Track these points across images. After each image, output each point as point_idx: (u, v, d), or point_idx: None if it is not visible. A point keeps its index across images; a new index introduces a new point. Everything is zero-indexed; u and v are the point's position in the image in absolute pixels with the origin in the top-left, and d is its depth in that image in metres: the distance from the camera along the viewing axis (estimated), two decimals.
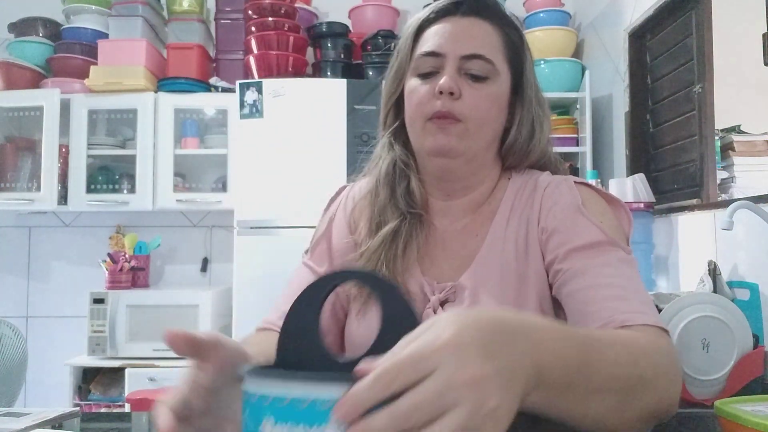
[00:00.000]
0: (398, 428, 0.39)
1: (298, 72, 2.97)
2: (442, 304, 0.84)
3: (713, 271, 1.70)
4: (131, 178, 2.97)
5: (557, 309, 0.82)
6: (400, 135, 0.91)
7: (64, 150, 2.94)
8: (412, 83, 0.86)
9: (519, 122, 0.87)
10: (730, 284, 1.70)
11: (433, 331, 0.43)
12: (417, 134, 0.85)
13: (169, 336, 0.50)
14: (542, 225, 0.83)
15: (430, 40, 0.85)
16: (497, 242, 0.85)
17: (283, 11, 2.99)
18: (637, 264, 0.79)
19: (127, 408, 0.92)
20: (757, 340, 1.45)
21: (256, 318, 0.95)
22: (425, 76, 0.84)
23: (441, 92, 0.81)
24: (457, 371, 0.40)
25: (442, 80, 0.81)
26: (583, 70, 2.88)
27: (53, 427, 0.68)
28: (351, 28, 3.14)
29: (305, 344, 0.51)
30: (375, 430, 0.39)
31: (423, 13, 0.88)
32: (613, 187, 2.26)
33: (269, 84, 2.72)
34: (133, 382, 2.59)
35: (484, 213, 0.89)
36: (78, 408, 0.76)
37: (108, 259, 2.92)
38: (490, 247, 0.85)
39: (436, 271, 0.87)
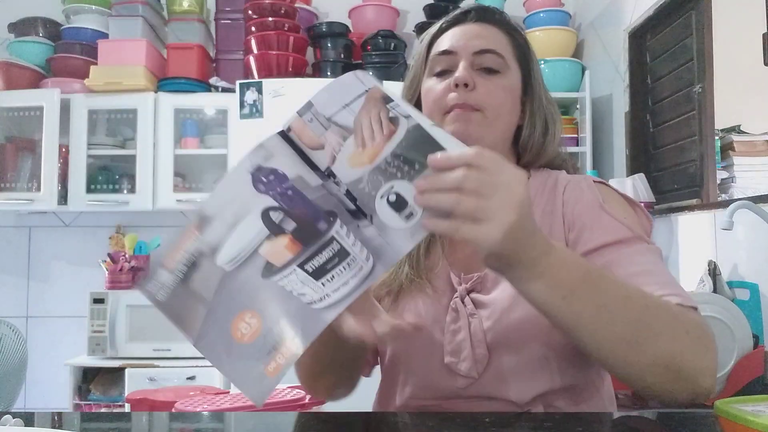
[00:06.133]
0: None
1: (298, 72, 2.97)
2: (469, 292, 0.87)
3: (713, 271, 1.71)
4: (131, 178, 2.97)
5: None
6: None
7: (64, 150, 2.94)
8: (429, 83, 0.91)
9: (531, 119, 0.91)
10: (730, 284, 1.70)
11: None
12: None
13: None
14: (568, 221, 0.86)
15: (443, 43, 0.90)
16: None
17: (283, 11, 2.99)
18: (661, 252, 0.84)
19: (127, 408, 0.92)
20: (757, 340, 1.46)
21: None
22: (440, 74, 0.90)
23: (457, 85, 0.85)
24: (508, 185, 0.59)
25: (457, 73, 0.86)
26: (583, 70, 2.88)
27: (53, 427, 0.68)
28: (351, 28, 3.13)
29: None
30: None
31: (434, 26, 0.94)
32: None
33: (269, 84, 2.71)
34: (133, 382, 2.59)
35: None
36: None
37: (108, 259, 2.92)
38: None
39: (463, 263, 0.90)
